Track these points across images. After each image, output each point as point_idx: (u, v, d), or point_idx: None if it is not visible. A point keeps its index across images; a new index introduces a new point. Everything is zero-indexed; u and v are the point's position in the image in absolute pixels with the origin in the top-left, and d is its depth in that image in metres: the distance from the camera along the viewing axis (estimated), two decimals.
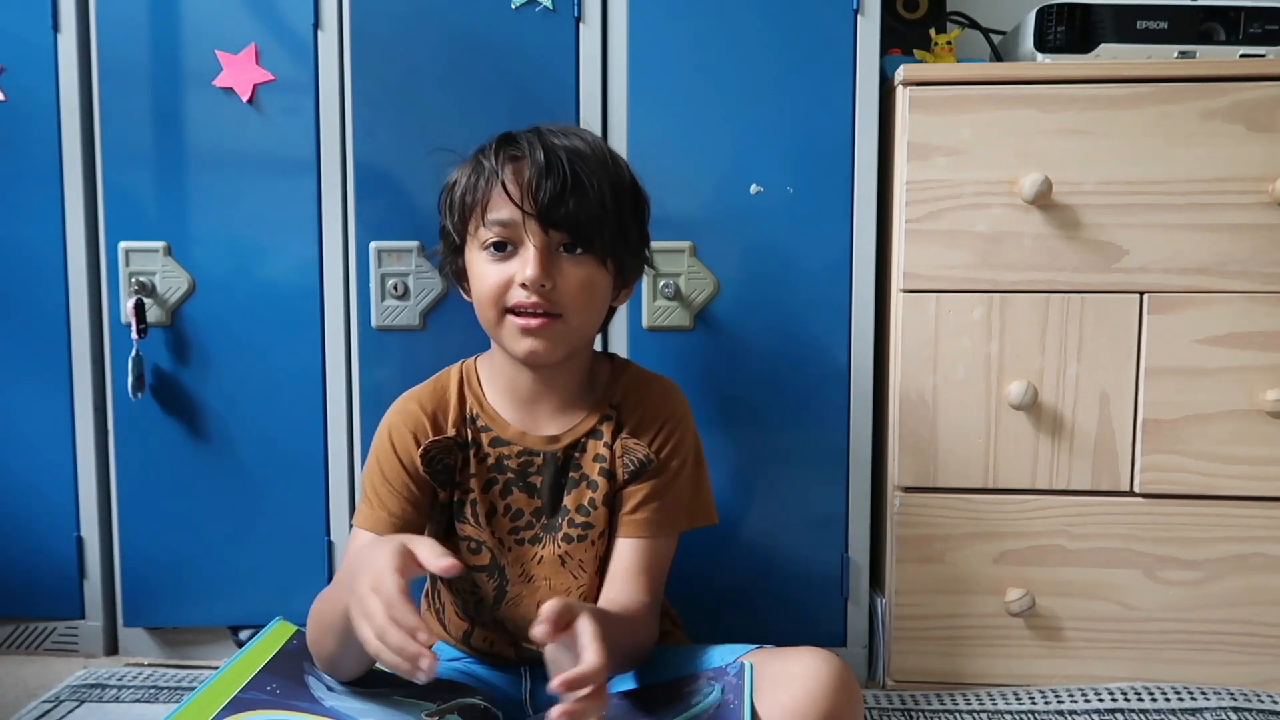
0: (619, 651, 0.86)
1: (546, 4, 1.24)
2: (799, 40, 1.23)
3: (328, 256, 1.29)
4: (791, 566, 1.29)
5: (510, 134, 0.97)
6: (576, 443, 1.01)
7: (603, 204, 0.93)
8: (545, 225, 0.91)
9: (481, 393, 1.03)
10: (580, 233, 0.92)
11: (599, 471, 1.00)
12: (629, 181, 0.99)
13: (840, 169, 1.24)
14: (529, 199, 0.91)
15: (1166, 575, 1.21)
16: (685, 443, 1.03)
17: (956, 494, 1.23)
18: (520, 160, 0.93)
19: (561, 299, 0.93)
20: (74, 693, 1.22)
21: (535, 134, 0.95)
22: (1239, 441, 1.19)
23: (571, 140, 0.95)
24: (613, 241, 0.95)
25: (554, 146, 0.93)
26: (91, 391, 1.32)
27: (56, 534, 1.34)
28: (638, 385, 1.04)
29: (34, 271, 1.31)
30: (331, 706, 0.85)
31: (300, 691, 0.86)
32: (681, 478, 1.02)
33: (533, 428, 1.01)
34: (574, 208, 0.91)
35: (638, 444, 1.00)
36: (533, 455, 1.00)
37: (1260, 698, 1.18)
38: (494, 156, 0.94)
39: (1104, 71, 1.17)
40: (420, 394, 1.03)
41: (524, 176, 0.92)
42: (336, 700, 0.86)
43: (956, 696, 1.22)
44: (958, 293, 1.20)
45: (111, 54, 1.27)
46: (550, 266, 0.92)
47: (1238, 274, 1.18)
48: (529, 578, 1.01)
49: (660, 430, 1.01)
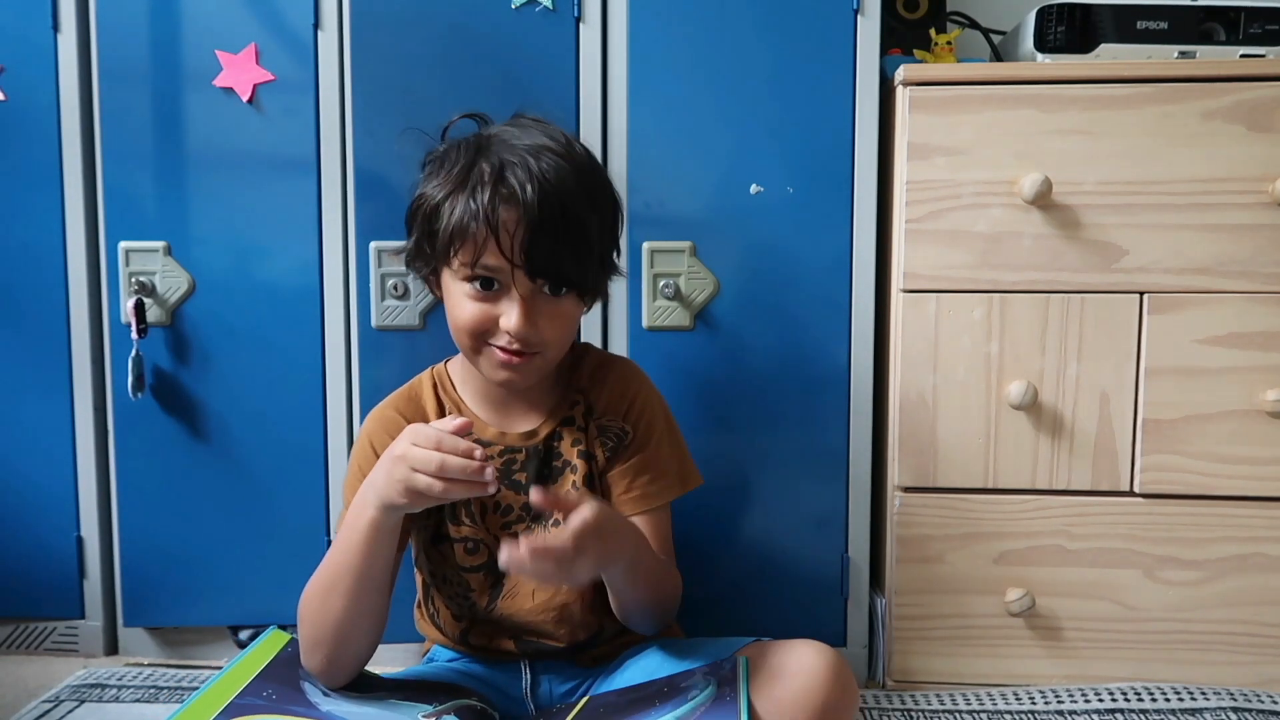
0: (644, 565, 0.94)
1: (546, 4, 1.24)
2: (799, 40, 1.23)
3: (328, 256, 1.29)
4: (791, 566, 1.29)
5: (498, 159, 0.92)
6: (554, 433, 1.03)
7: (589, 247, 0.93)
8: (533, 276, 0.91)
9: (458, 396, 1.04)
10: (567, 280, 0.93)
11: (578, 455, 1.02)
12: (611, 200, 0.99)
13: (840, 169, 1.24)
14: (520, 253, 0.90)
15: (1166, 575, 1.21)
16: (655, 411, 1.06)
17: (956, 494, 1.23)
18: (512, 205, 0.89)
19: (544, 339, 0.94)
20: (74, 693, 1.22)
21: (524, 166, 0.90)
22: (1239, 441, 1.19)
23: (559, 165, 0.91)
24: (596, 277, 0.97)
25: (548, 191, 0.89)
26: (91, 391, 1.32)
27: (56, 534, 1.34)
28: (599, 368, 1.06)
29: (34, 271, 1.31)
30: (328, 711, 0.85)
31: (296, 696, 0.86)
32: (663, 446, 1.05)
33: (510, 426, 1.03)
34: (564, 259, 0.91)
35: (611, 421, 1.03)
36: (514, 453, 1.02)
37: (1260, 698, 1.18)
38: (485, 192, 0.90)
39: (1104, 71, 1.17)
40: (396, 401, 1.05)
41: (514, 227, 0.89)
42: (333, 704, 0.86)
43: (956, 696, 1.22)
44: (958, 293, 1.20)
45: (111, 54, 1.27)
46: (534, 313, 0.92)
47: (1238, 274, 1.18)
48: None
49: (630, 405, 1.04)
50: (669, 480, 1.04)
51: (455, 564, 1.02)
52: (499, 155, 0.92)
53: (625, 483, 1.03)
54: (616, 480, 1.03)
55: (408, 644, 1.29)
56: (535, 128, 0.96)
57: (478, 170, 0.92)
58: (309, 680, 0.90)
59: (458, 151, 0.96)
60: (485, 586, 1.02)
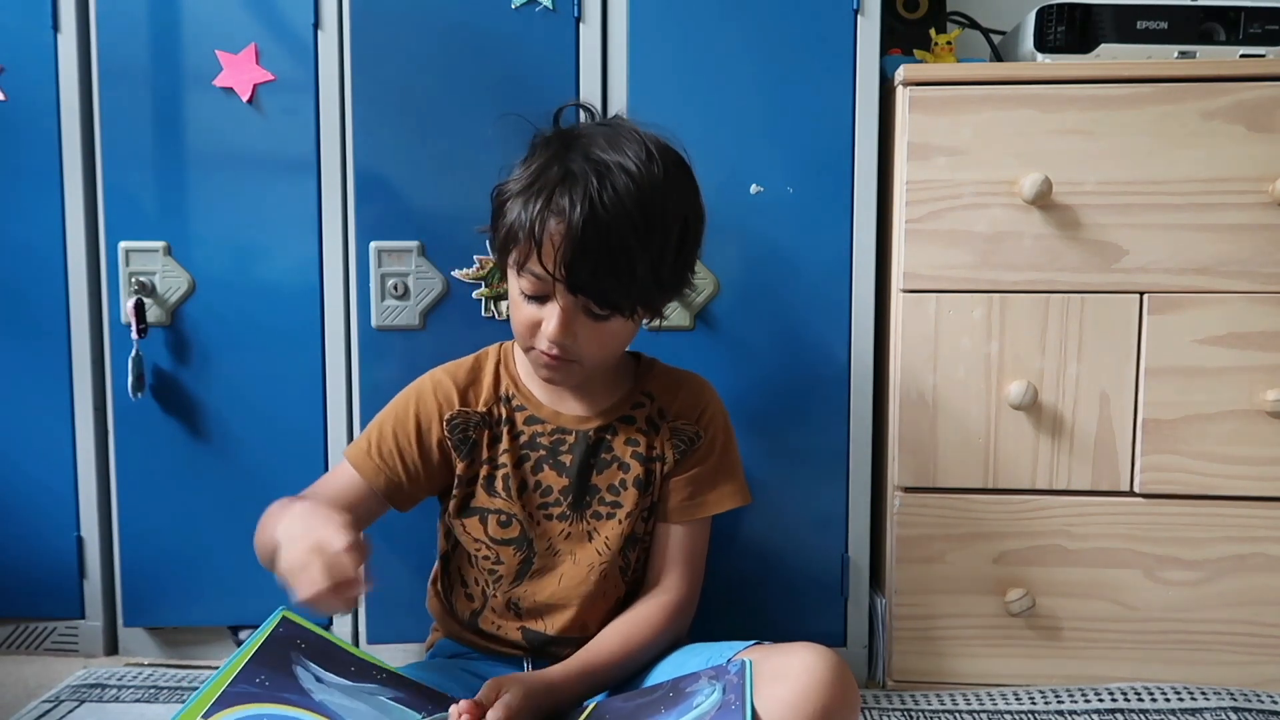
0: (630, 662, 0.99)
1: (546, 4, 1.24)
2: (799, 40, 1.23)
3: (328, 256, 1.29)
4: (791, 566, 1.29)
5: (563, 157, 0.92)
6: (608, 425, 1.04)
7: (635, 277, 0.91)
8: (574, 291, 0.92)
9: (518, 373, 1.07)
10: (608, 303, 0.93)
11: (632, 455, 1.04)
12: (676, 231, 0.95)
13: (840, 169, 1.24)
14: (560, 268, 0.90)
15: (1166, 575, 1.21)
16: (722, 425, 1.08)
17: (956, 494, 1.23)
18: (560, 221, 0.89)
19: (582, 351, 0.96)
20: (74, 693, 1.22)
21: (584, 177, 0.90)
22: (1239, 441, 1.19)
23: (623, 187, 0.89)
24: (643, 302, 0.96)
25: (598, 215, 0.88)
26: (91, 391, 1.32)
27: (56, 534, 1.34)
28: (670, 376, 1.09)
29: (34, 271, 1.31)
30: (321, 701, 0.84)
31: (288, 683, 0.85)
32: (725, 461, 1.07)
33: (565, 408, 1.05)
34: (605, 282, 0.91)
35: (686, 424, 1.05)
36: (565, 434, 1.03)
37: (1260, 698, 1.18)
38: (537, 203, 0.90)
39: (1104, 71, 1.17)
40: (457, 370, 1.07)
41: (559, 242, 0.89)
42: (326, 694, 0.85)
43: (956, 696, 1.22)
44: (958, 293, 1.20)
45: (111, 54, 1.27)
46: (574, 324, 0.94)
47: (1238, 274, 1.18)
48: (555, 551, 1.04)
49: (703, 413, 1.07)
50: (723, 494, 1.06)
51: (488, 536, 1.03)
52: (571, 164, 0.92)
53: (687, 491, 1.05)
54: (679, 487, 1.05)
55: (408, 644, 1.29)
56: (625, 137, 0.94)
57: (546, 176, 0.92)
58: (301, 663, 0.88)
59: (545, 147, 0.96)
60: (515, 561, 1.03)
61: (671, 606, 1.03)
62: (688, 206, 0.98)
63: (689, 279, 1.03)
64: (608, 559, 1.03)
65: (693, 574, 1.06)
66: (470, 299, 1.27)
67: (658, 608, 1.03)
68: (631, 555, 1.05)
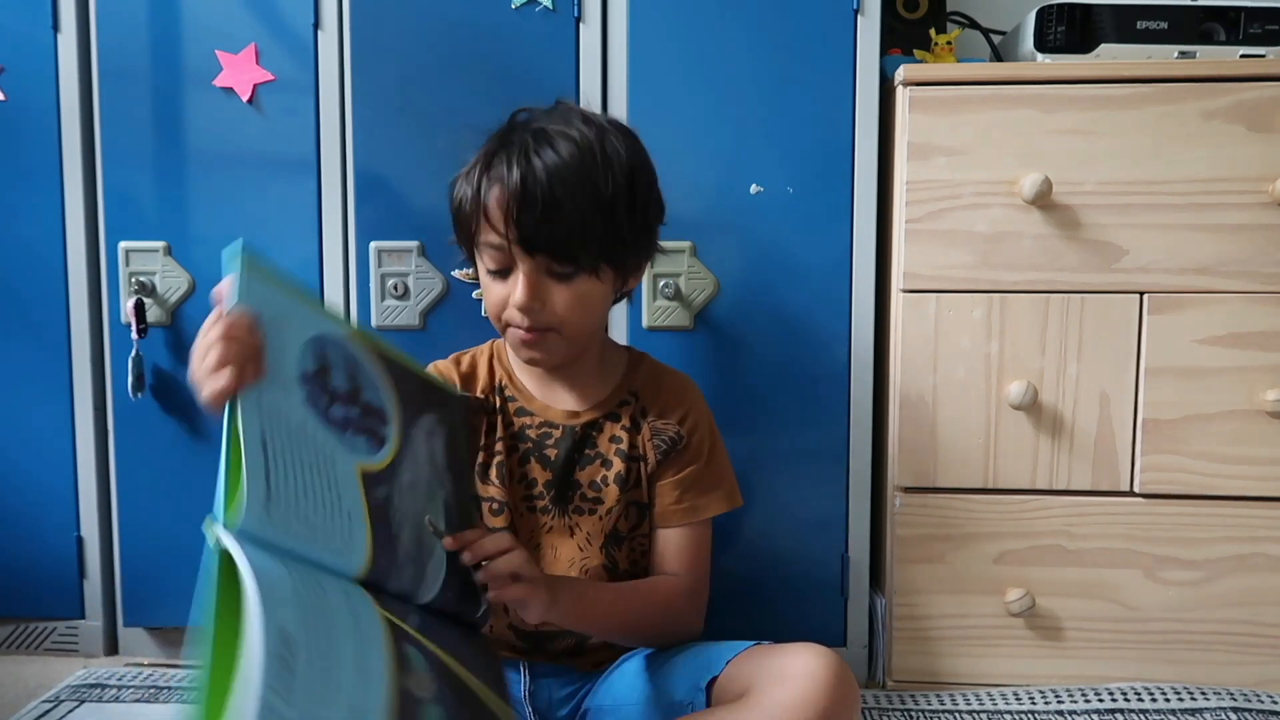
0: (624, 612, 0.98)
1: (546, 4, 1.24)
2: (799, 40, 1.23)
3: (328, 256, 1.29)
4: (791, 566, 1.29)
5: (506, 137, 0.95)
6: (594, 422, 1.04)
7: (584, 223, 0.91)
8: (529, 251, 0.92)
9: (511, 366, 1.07)
10: (565, 255, 0.93)
11: (615, 453, 1.03)
12: (623, 181, 0.95)
13: (840, 169, 1.24)
14: (511, 226, 0.91)
15: (1166, 575, 1.21)
16: (707, 426, 1.08)
17: (956, 494, 1.23)
18: (497, 184, 0.92)
19: (554, 317, 0.95)
20: (74, 693, 1.22)
21: (522, 145, 0.92)
22: (1239, 441, 1.19)
23: (559, 146, 0.91)
24: (603, 252, 0.94)
25: (533, 166, 0.90)
26: (91, 391, 1.32)
27: (56, 534, 1.34)
28: (656, 375, 1.09)
29: (34, 271, 1.31)
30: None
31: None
32: (714, 461, 1.07)
33: (554, 402, 1.05)
34: (554, 232, 0.91)
35: (666, 424, 1.04)
36: (551, 428, 1.04)
37: (1260, 698, 1.18)
38: (481, 173, 0.94)
39: (1104, 71, 1.17)
40: (459, 358, 1.09)
41: (503, 203, 0.91)
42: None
43: (956, 696, 1.22)
44: (958, 293, 1.20)
45: (111, 54, 1.27)
46: (539, 289, 0.93)
47: (1238, 274, 1.18)
48: (536, 545, 1.04)
49: (686, 414, 1.06)
50: (716, 496, 1.06)
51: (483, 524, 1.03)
52: (510, 136, 0.95)
53: (675, 495, 1.04)
54: (666, 491, 1.04)
55: None
56: (568, 115, 0.96)
57: (486, 152, 0.96)
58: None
59: (490, 141, 0.98)
60: None
61: (680, 584, 1.03)
62: (633, 156, 0.97)
63: (654, 239, 1.02)
64: (590, 555, 1.03)
65: (696, 571, 1.05)
66: (470, 299, 1.27)
67: (664, 579, 1.04)
68: (616, 554, 1.04)
